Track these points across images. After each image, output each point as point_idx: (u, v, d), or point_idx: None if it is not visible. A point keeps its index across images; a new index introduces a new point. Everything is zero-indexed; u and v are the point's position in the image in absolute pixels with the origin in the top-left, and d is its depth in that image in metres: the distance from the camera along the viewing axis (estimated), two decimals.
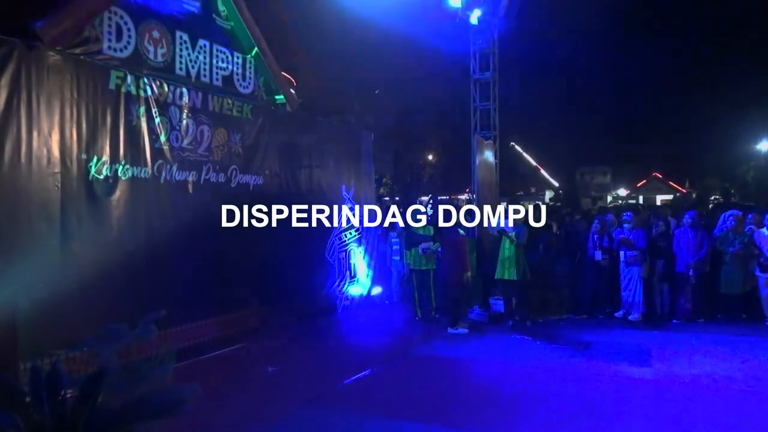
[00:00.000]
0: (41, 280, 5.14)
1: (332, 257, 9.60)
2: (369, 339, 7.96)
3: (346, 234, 9.91)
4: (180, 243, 6.71)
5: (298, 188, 8.80)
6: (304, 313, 8.66)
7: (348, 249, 9.97)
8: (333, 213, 9.64)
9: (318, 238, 9.15)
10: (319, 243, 9.22)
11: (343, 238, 9.86)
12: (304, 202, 8.81)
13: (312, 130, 9.20)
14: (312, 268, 8.99)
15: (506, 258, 8.42)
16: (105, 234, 5.84)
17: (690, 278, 8.46)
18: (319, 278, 9.15)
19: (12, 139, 5.05)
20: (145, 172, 6.31)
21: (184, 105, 6.83)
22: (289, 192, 8.58)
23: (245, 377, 6.18)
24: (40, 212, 5.25)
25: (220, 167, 7.32)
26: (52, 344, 5.07)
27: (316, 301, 9.05)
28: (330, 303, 9.46)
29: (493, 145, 12.06)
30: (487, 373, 6.30)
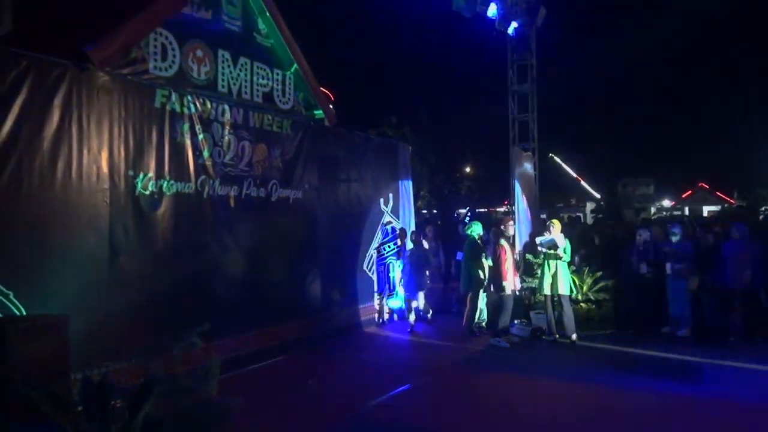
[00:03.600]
0: (91, 293, 5.32)
1: (371, 270, 9.64)
2: (408, 353, 7.94)
3: (384, 247, 9.93)
4: (222, 256, 6.86)
5: (336, 202, 8.88)
6: (343, 326, 8.70)
7: (387, 262, 9.98)
8: (372, 227, 9.69)
9: (357, 251, 9.20)
10: (358, 256, 9.27)
11: (382, 251, 9.89)
12: (343, 215, 8.88)
13: (350, 144, 9.29)
14: (351, 282, 9.04)
15: (551, 273, 8.31)
16: (151, 248, 6.01)
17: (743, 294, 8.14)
18: (358, 291, 9.18)
19: (64, 157, 5.25)
20: (188, 187, 6.47)
21: (226, 121, 7.00)
22: (328, 205, 8.66)
23: (285, 390, 6.24)
24: (89, 226, 5.44)
25: (261, 182, 7.46)
26: (100, 355, 5.23)
27: (355, 314, 9.08)
28: (370, 315, 9.48)
29: (532, 156, 11.93)
30: (527, 389, 6.20)
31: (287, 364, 7.25)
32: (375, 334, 9.09)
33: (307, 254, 8.10)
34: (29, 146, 4.98)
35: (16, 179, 4.88)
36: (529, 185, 11.37)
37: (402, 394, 6.05)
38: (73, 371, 4.44)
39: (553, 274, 8.30)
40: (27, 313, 4.78)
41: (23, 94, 4.94)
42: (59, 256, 5.13)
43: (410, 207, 11.17)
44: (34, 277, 4.93)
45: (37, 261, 4.97)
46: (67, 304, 4.88)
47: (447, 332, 9.15)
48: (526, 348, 8.08)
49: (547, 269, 8.34)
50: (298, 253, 7.96)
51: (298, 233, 8.01)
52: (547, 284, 8.33)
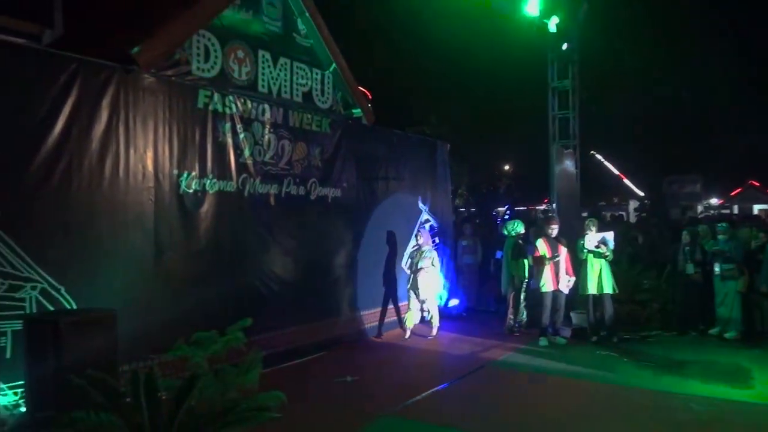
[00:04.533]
0: (137, 288, 5.49)
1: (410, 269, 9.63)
2: (447, 350, 7.92)
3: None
4: (262, 253, 6.98)
5: (375, 200, 8.92)
6: (382, 323, 8.73)
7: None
8: (410, 225, 9.69)
9: (395, 249, 9.22)
10: (397, 254, 9.28)
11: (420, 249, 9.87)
12: (382, 212, 8.91)
13: (388, 142, 9.32)
14: (389, 279, 9.05)
15: (595, 272, 8.17)
16: (194, 245, 6.16)
17: None
18: (396, 290, 9.19)
19: (112, 156, 5.43)
20: (230, 185, 6.60)
21: (266, 121, 7.11)
22: (366, 204, 8.71)
23: (326, 386, 6.31)
24: (136, 224, 5.61)
25: (300, 180, 7.55)
26: (147, 349, 5.40)
27: (395, 311, 9.10)
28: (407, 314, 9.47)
29: (573, 154, 11.75)
30: (569, 389, 6.12)
31: (328, 360, 7.33)
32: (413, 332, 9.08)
33: (345, 251, 8.16)
34: (79, 146, 5.17)
35: (67, 178, 5.07)
36: (569, 183, 11.20)
37: (440, 393, 6.05)
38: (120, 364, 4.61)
39: (597, 273, 8.15)
40: (77, 307, 4.97)
41: (73, 96, 5.12)
42: (107, 253, 5.31)
43: (449, 205, 11.13)
44: (84, 273, 5.11)
45: (86, 257, 5.16)
46: (115, 299, 5.05)
47: (486, 331, 9.09)
48: (567, 348, 7.96)
49: (590, 268, 8.20)
50: (337, 251, 8.03)
51: (337, 230, 8.07)
52: (590, 283, 8.19)
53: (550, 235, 8.36)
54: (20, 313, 4.64)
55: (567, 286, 8.18)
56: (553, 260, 8.13)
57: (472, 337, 8.79)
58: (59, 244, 4.98)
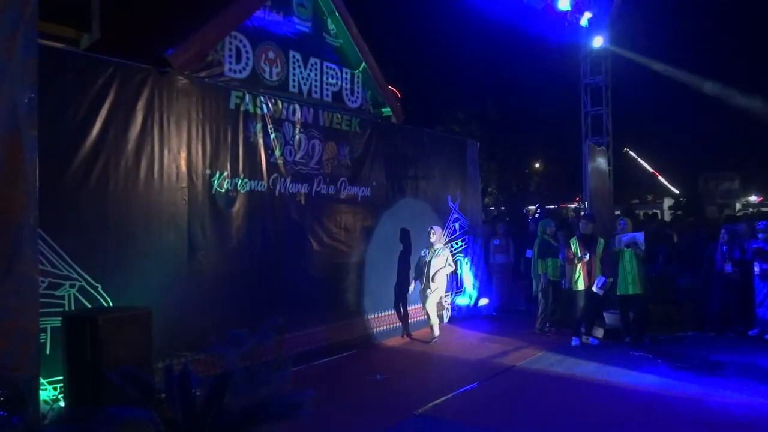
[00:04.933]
0: (171, 287, 5.59)
1: None
2: (476, 350, 7.87)
3: (452, 244, 9.89)
4: (294, 253, 7.04)
5: (404, 199, 8.90)
6: (412, 322, 8.73)
7: (455, 259, 9.93)
8: (439, 224, 9.66)
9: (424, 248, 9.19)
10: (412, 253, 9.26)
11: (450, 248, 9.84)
12: (411, 212, 8.90)
13: (417, 141, 9.31)
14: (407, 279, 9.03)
15: (628, 272, 8.03)
16: (226, 244, 6.25)
17: None
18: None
19: (147, 157, 5.54)
20: (261, 185, 6.67)
21: (296, 121, 7.17)
22: (396, 203, 8.71)
23: (355, 385, 6.34)
24: (170, 224, 5.71)
25: (330, 179, 7.59)
26: (180, 346, 5.50)
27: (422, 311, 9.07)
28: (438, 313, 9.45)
29: (606, 151, 11.57)
30: (601, 391, 6.02)
31: (357, 359, 7.36)
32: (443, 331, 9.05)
33: (375, 250, 8.17)
34: (115, 147, 5.28)
35: (104, 179, 5.18)
36: (602, 181, 11.03)
37: (469, 393, 6.02)
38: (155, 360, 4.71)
39: (631, 273, 8.01)
40: (113, 305, 5.09)
41: (110, 98, 5.23)
42: (142, 252, 5.42)
43: (478, 203, 11.06)
44: (120, 272, 5.22)
45: (122, 256, 5.26)
46: (150, 297, 5.15)
47: (516, 331, 9.01)
48: (600, 349, 7.84)
49: (624, 267, 8.06)
50: (367, 250, 8.05)
51: (367, 229, 8.10)
52: (623, 283, 8.05)
53: (584, 234, 8.25)
54: (59, 310, 4.76)
55: (599, 285, 8.04)
56: (582, 259, 8.02)
57: (502, 337, 8.71)
58: (96, 243, 5.10)
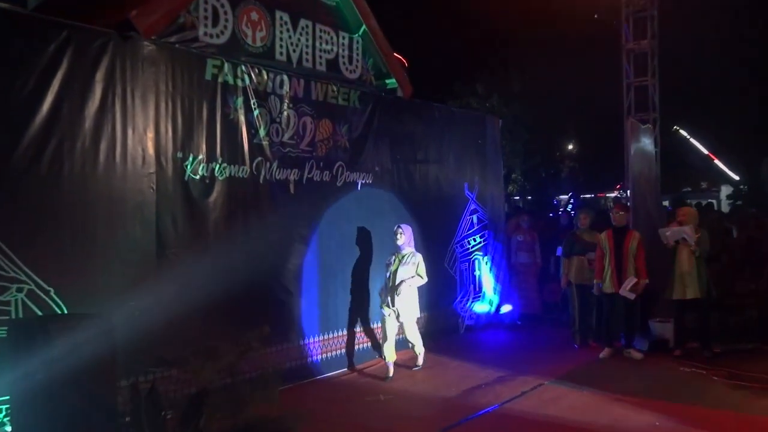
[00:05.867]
0: (137, 290, 5.59)
1: (453, 268, 9.63)
2: (496, 365, 7.88)
3: (469, 241, 9.90)
4: (283, 251, 7.06)
5: (412, 187, 8.93)
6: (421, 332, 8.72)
7: (472, 258, 9.95)
8: (454, 216, 9.67)
9: (436, 245, 9.21)
10: (438, 252, 9.28)
11: (466, 245, 9.86)
12: (420, 202, 8.92)
13: (428, 118, 9.30)
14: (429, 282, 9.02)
15: (684, 272, 8.02)
16: (202, 240, 6.27)
17: None
18: (437, 293, 9.19)
19: (107, 138, 5.54)
20: (243, 170, 6.68)
21: (284, 94, 7.16)
22: (402, 191, 8.73)
23: (355, 404, 6.37)
24: (135, 216, 5.73)
25: (325, 164, 7.60)
26: (148, 361, 5.51)
27: (434, 319, 9.10)
28: (451, 322, 9.50)
29: (652, 130, 11.54)
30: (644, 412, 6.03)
31: (357, 375, 7.39)
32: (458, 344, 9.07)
33: (379, 248, 8.17)
34: (69, 126, 5.28)
35: (57, 163, 5.18)
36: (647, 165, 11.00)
37: (490, 416, 6.05)
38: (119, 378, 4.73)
39: (689, 274, 7.99)
40: (68, 312, 5.10)
41: (63, 69, 5.23)
42: (102, 250, 5.43)
43: (500, 192, 11.06)
44: (77, 273, 5.24)
45: (78, 255, 5.28)
46: (112, 304, 5.17)
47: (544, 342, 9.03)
48: (643, 363, 7.86)
49: (679, 267, 8.04)
50: (369, 247, 8.05)
51: (369, 223, 8.09)
52: (680, 285, 8.04)
53: (616, 226, 8.25)
54: (4, 318, 4.78)
55: (632, 288, 8.02)
56: (609, 256, 8.06)
57: (527, 350, 8.74)
58: (48, 240, 5.11)
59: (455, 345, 8.94)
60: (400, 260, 7.44)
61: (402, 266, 7.41)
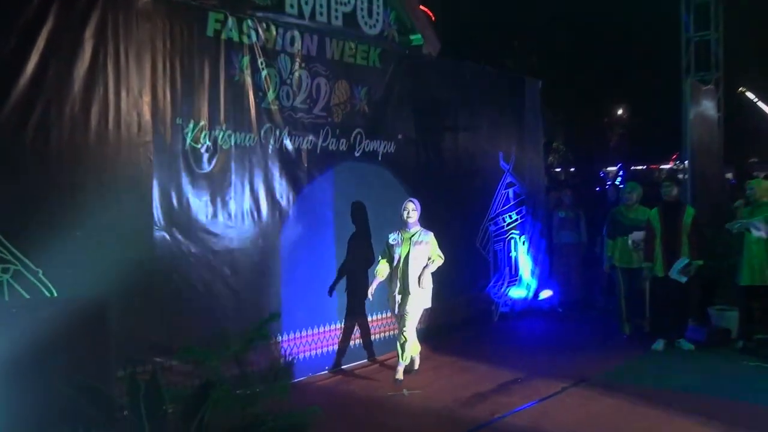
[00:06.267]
0: (134, 271, 5.63)
1: (486, 249, 9.60)
2: (534, 358, 7.88)
3: (504, 218, 9.86)
4: (295, 229, 7.09)
5: (440, 157, 8.90)
6: (448, 321, 8.76)
7: (507, 238, 9.91)
8: (487, 190, 9.62)
9: (467, 223, 9.19)
10: (469, 230, 9.26)
11: (501, 223, 9.82)
12: (449, 175, 8.88)
13: (459, 79, 9.23)
14: (459, 264, 9.03)
15: (754, 257, 7.90)
16: (204, 216, 6.29)
17: None
18: (467, 277, 9.19)
19: (98, 103, 5.55)
20: (249, 138, 6.69)
21: (296, 53, 7.13)
22: (429, 162, 8.70)
23: (374, 400, 6.42)
24: (130, 190, 5.75)
25: (341, 131, 7.58)
26: (148, 350, 5.58)
27: (464, 306, 9.11)
28: (483, 309, 9.50)
29: (715, 92, 11.37)
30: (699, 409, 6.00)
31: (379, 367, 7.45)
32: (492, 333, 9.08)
33: None
34: (57, 90, 5.30)
35: (43, 132, 5.21)
36: (708, 132, 10.87)
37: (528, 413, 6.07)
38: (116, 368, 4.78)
39: (758, 258, 7.88)
40: (58, 295, 5.16)
41: (49, 25, 5.23)
42: (95, 227, 5.46)
43: (540, 163, 10.99)
44: (67, 253, 5.27)
45: (69, 232, 5.32)
46: (105, 287, 5.19)
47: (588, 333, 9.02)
48: (699, 356, 7.83)
49: (748, 250, 7.95)
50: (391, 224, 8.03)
51: (390, 198, 8.06)
52: (748, 270, 7.95)
53: (667, 201, 8.15)
54: None
55: (684, 271, 7.94)
56: (660, 236, 8.00)
57: (570, 341, 8.74)
58: (36, 217, 5.16)
59: (488, 335, 8.96)
60: (410, 241, 7.05)
61: (414, 247, 7.02)
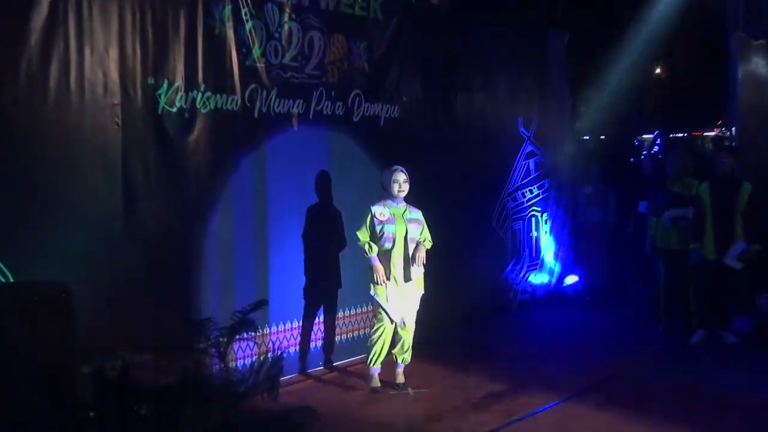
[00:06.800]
0: (100, 254, 5.65)
1: (503, 228, 9.61)
2: (558, 353, 7.93)
3: (524, 193, 9.86)
4: (283, 203, 7.10)
5: (451, 123, 8.89)
6: (460, 312, 8.80)
7: (527, 215, 9.91)
8: (505, 161, 9.61)
9: (481, 198, 9.19)
10: (484, 206, 9.27)
11: (520, 199, 9.82)
12: (461, 143, 8.89)
13: (472, 33, 9.21)
14: (472, 246, 9.06)
15: None
16: (181, 190, 6.28)
17: None
18: (482, 260, 9.20)
19: (58, 60, 5.50)
20: (232, 101, 6.65)
21: (285, 2, 7.08)
22: (438, 128, 8.70)
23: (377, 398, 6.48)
24: (96, 160, 5.72)
25: (337, 93, 7.56)
26: (117, 343, 5.58)
27: (478, 294, 9.14)
28: (499, 298, 9.53)
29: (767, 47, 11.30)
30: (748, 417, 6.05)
31: None
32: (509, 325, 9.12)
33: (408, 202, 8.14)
34: (9, 46, 5.25)
35: None
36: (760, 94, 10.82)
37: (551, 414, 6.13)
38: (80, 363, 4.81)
39: None
40: (14, 280, 5.14)
41: None
42: (56, 203, 5.47)
43: (565, 130, 10.96)
44: (23, 232, 5.29)
45: (25, 209, 5.32)
46: (68, 271, 5.21)
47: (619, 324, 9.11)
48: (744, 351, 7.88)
49: None
50: None
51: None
52: None
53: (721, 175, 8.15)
54: None
55: (735, 254, 7.95)
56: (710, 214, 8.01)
57: (597, 333, 8.81)
58: None
59: (505, 326, 9.00)
60: (402, 218, 6.78)
61: (410, 225, 6.77)
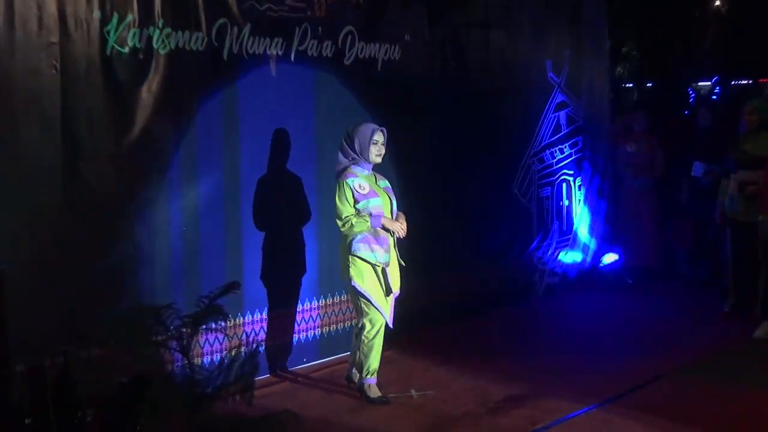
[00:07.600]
0: (37, 226, 5.64)
1: (527, 196, 9.61)
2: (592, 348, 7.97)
3: (553, 152, 9.86)
4: (256, 163, 7.13)
5: (463, 67, 8.89)
6: (474, 299, 8.87)
7: (557, 181, 9.92)
8: (529, 113, 9.60)
9: (500, 159, 9.20)
10: (503, 169, 9.28)
11: (549, 160, 9.82)
12: (476, 92, 8.88)
13: None
14: (489, 217, 9.07)
15: None
16: (135, 148, 6.25)
17: None
18: (501, 235, 9.22)
19: None
20: (197, 39, 6.61)
21: None
22: (448, 74, 8.70)
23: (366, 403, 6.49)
24: (29, 111, 5.69)
25: (325, 30, 7.53)
26: (57, 334, 5.60)
27: (497, 276, 9.19)
28: (522, 280, 9.58)
29: None
30: None
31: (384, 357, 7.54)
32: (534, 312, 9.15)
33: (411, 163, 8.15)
34: None
35: None
36: None
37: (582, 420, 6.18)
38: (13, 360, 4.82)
39: None
40: None
41: None
42: None
43: (603, 77, 10.95)
44: None
45: None
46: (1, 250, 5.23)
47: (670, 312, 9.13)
48: None
49: None
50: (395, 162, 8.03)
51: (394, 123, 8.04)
52: None
53: None
54: None
55: None
56: None
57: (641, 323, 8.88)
58: None
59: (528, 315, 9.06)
60: (379, 188, 6.58)
61: (392, 197, 6.63)
